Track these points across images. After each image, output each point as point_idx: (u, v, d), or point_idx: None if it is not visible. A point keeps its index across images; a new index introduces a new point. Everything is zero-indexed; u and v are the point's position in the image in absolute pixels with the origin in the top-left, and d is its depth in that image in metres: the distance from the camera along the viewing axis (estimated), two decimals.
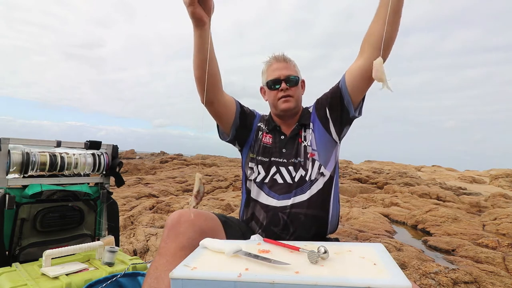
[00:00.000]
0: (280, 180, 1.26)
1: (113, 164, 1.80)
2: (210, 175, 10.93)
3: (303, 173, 1.24)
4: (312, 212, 1.22)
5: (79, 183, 1.70)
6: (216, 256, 0.82)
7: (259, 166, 1.31)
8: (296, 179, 1.24)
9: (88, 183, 1.76)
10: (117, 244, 1.72)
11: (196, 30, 1.02)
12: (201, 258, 0.81)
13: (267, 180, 1.28)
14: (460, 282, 2.50)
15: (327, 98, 1.26)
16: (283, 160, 1.28)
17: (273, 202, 1.24)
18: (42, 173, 1.60)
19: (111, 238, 1.64)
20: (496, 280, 2.57)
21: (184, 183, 9.07)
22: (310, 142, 1.27)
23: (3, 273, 1.22)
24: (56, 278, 1.20)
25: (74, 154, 1.68)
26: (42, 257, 1.29)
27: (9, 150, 1.47)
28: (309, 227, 1.22)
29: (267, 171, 1.29)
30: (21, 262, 1.38)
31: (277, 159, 1.29)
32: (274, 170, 1.28)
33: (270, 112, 1.41)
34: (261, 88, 1.41)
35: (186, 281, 0.69)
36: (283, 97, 1.28)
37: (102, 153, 1.78)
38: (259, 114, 1.44)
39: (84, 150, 1.75)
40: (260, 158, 1.32)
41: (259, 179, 1.30)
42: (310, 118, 1.32)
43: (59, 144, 1.65)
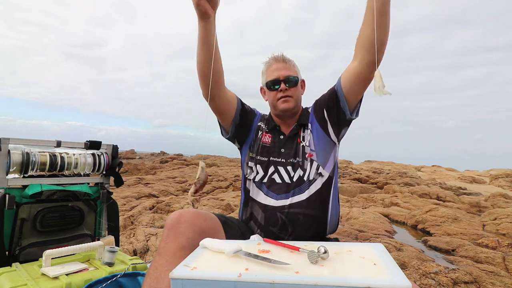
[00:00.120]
0: (279, 180, 1.26)
1: (113, 164, 1.80)
2: (210, 175, 10.92)
3: (301, 173, 1.24)
4: (311, 212, 1.22)
5: (79, 183, 1.70)
6: (216, 256, 0.82)
7: (258, 166, 1.31)
8: (295, 179, 1.24)
9: (88, 183, 1.76)
10: (117, 244, 1.72)
11: (201, 22, 1.04)
12: (201, 258, 0.81)
13: (266, 180, 1.28)
14: (460, 282, 2.50)
15: (325, 100, 1.26)
16: (282, 160, 1.28)
17: (271, 202, 1.24)
18: (42, 173, 1.60)
19: (111, 238, 1.64)
20: (496, 280, 2.57)
21: (184, 183, 9.07)
22: (309, 143, 1.27)
23: (3, 273, 1.22)
24: (56, 278, 1.20)
25: (74, 154, 1.68)
26: (42, 257, 1.29)
27: (9, 150, 1.47)
28: (308, 227, 1.22)
29: (266, 171, 1.29)
30: (21, 262, 1.38)
31: (276, 159, 1.29)
32: (273, 170, 1.28)
33: (270, 112, 1.41)
34: (261, 89, 1.41)
35: (186, 281, 0.69)
36: (282, 98, 1.29)
37: (102, 153, 1.78)
38: (260, 113, 1.44)
39: (84, 150, 1.75)
40: (259, 158, 1.32)
41: (258, 179, 1.30)
42: (309, 118, 1.32)
43: (59, 144, 1.65)
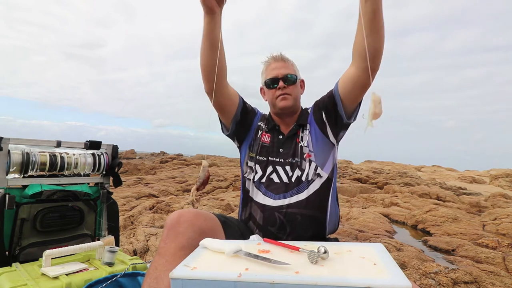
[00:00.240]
0: (277, 180, 1.26)
1: (113, 164, 1.80)
2: (210, 175, 10.92)
3: (300, 173, 1.24)
4: (309, 213, 1.22)
5: (79, 183, 1.70)
6: (216, 256, 0.82)
7: (257, 166, 1.32)
8: (293, 179, 1.24)
9: (88, 183, 1.76)
10: (117, 244, 1.72)
11: (206, 17, 1.05)
12: (201, 258, 0.81)
13: (264, 180, 1.28)
14: (460, 282, 2.49)
15: (324, 102, 1.26)
16: (280, 160, 1.28)
17: (270, 202, 1.24)
18: (42, 173, 1.60)
19: (111, 238, 1.63)
20: (496, 280, 2.57)
21: (184, 183, 9.07)
22: (307, 143, 1.27)
23: (3, 273, 1.22)
24: (56, 278, 1.20)
25: (74, 154, 1.68)
26: (42, 257, 1.29)
27: (9, 150, 1.47)
28: (306, 228, 1.22)
29: (264, 171, 1.29)
30: (21, 262, 1.38)
31: (274, 159, 1.29)
32: (271, 170, 1.28)
33: (270, 112, 1.41)
34: (261, 89, 1.41)
35: (186, 281, 0.69)
36: (281, 95, 1.29)
37: (102, 153, 1.78)
38: (260, 113, 1.44)
39: (84, 150, 1.75)
40: (259, 158, 1.32)
41: (257, 179, 1.30)
42: (308, 119, 1.32)
43: (59, 144, 1.65)
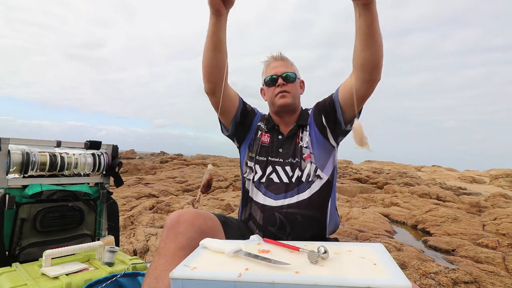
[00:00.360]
0: (277, 180, 1.26)
1: (113, 164, 1.80)
2: (212, 178, 10.91)
3: (300, 174, 1.24)
4: (309, 213, 1.22)
5: (79, 183, 1.70)
6: (216, 256, 0.82)
7: (257, 166, 1.31)
8: (293, 179, 1.24)
9: (88, 183, 1.76)
10: (117, 244, 1.72)
11: (212, 18, 1.05)
12: (201, 258, 0.81)
13: (264, 180, 1.28)
14: (460, 282, 2.49)
15: (324, 106, 1.26)
16: (280, 160, 1.28)
17: (270, 202, 1.24)
18: (42, 173, 1.60)
19: (111, 238, 1.63)
20: (496, 280, 2.57)
21: (184, 183, 9.07)
22: (307, 144, 1.27)
23: (3, 273, 1.22)
24: (56, 278, 1.20)
25: (74, 154, 1.68)
26: (42, 257, 1.29)
27: (9, 150, 1.47)
28: (306, 228, 1.22)
29: (264, 171, 1.29)
30: (21, 262, 1.38)
31: (274, 159, 1.29)
32: (271, 170, 1.28)
33: (269, 111, 1.41)
34: (261, 90, 1.41)
35: (186, 281, 0.69)
36: (280, 93, 1.29)
37: (102, 153, 1.78)
38: (260, 113, 1.44)
39: (84, 150, 1.75)
40: (258, 158, 1.32)
41: (257, 179, 1.30)
42: (308, 120, 1.32)
43: (59, 144, 1.65)
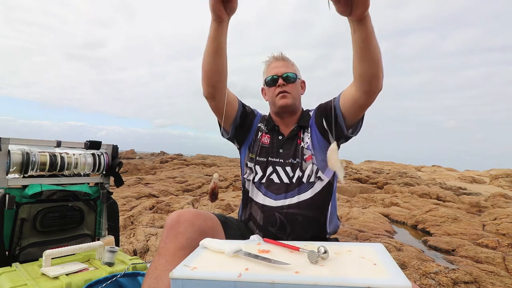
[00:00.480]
0: (277, 180, 1.26)
1: (113, 164, 1.80)
2: (210, 175, 10.93)
3: (300, 174, 1.24)
4: (309, 214, 1.21)
5: (79, 183, 1.70)
6: (216, 256, 0.82)
7: (257, 166, 1.31)
8: (294, 180, 1.24)
9: (88, 183, 1.76)
10: (117, 244, 1.72)
11: (213, 23, 1.05)
12: (201, 258, 0.81)
13: (264, 180, 1.28)
14: (460, 282, 2.49)
15: (326, 109, 1.25)
16: (280, 160, 1.28)
17: (270, 202, 1.24)
18: (42, 173, 1.60)
19: (111, 238, 1.64)
20: (496, 280, 2.57)
21: (184, 183, 9.07)
22: (308, 145, 1.27)
23: (3, 273, 1.22)
24: (56, 278, 1.20)
25: (74, 154, 1.68)
26: (42, 257, 1.29)
27: (9, 150, 1.47)
28: (307, 229, 1.22)
29: (264, 171, 1.29)
30: (21, 262, 1.38)
31: (274, 159, 1.29)
32: (271, 170, 1.28)
33: (270, 112, 1.41)
34: (262, 89, 1.41)
35: (186, 281, 0.69)
36: (280, 93, 1.29)
37: (102, 153, 1.79)
38: (260, 114, 1.44)
39: (84, 150, 1.75)
40: (258, 158, 1.32)
41: (257, 179, 1.30)
42: (309, 122, 1.32)
43: (59, 144, 1.65)
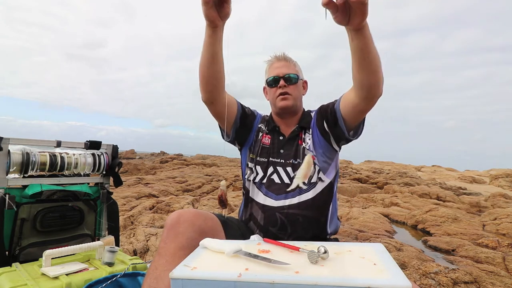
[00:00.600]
0: (277, 180, 1.26)
1: (113, 164, 1.80)
2: (210, 175, 10.93)
3: None
4: (310, 214, 1.22)
5: (79, 183, 1.70)
6: (216, 256, 0.82)
7: (258, 167, 1.32)
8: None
9: (88, 183, 1.76)
10: (117, 244, 1.72)
11: (207, 29, 1.05)
12: (201, 258, 0.81)
13: (265, 180, 1.28)
14: (460, 282, 2.49)
15: (326, 111, 1.25)
16: (281, 161, 1.28)
17: (270, 202, 1.24)
18: (42, 173, 1.60)
19: (111, 238, 1.64)
20: (496, 280, 2.57)
21: (184, 183, 9.07)
22: (309, 146, 1.27)
23: (3, 273, 1.22)
24: (56, 278, 1.20)
25: (74, 154, 1.68)
26: (42, 257, 1.29)
27: (9, 150, 1.47)
28: (307, 229, 1.22)
29: (265, 172, 1.29)
30: (21, 262, 1.38)
31: (275, 159, 1.29)
32: (272, 170, 1.28)
33: (271, 112, 1.41)
34: (264, 88, 1.41)
35: (186, 281, 0.69)
36: (281, 95, 1.29)
37: (102, 153, 1.79)
38: (260, 115, 1.44)
39: (84, 150, 1.75)
40: (259, 159, 1.32)
41: (258, 179, 1.30)
42: (311, 123, 1.31)
43: (59, 144, 1.65)
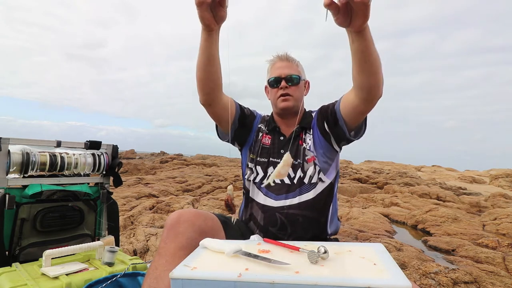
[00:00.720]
0: (278, 180, 1.26)
1: (113, 164, 1.80)
2: (210, 175, 10.92)
3: (302, 175, 1.24)
4: (310, 215, 1.22)
5: (79, 183, 1.70)
6: (216, 256, 0.82)
7: (258, 167, 1.31)
8: (295, 181, 1.24)
9: (88, 183, 1.76)
10: (117, 244, 1.72)
11: (203, 33, 1.04)
12: (201, 258, 0.81)
13: (265, 180, 1.28)
14: (460, 282, 2.49)
15: (327, 112, 1.25)
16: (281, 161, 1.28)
17: (270, 202, 1.24)
18: (42, 173, 1.60)
19: (111, 238, 1.64)
20: (496, 280, 2.57)
21: (184, 183, 9.06)
22: (310, 147, 1.27)
23: (3, 273, 1.22)
24: (56, 278, 1.20)
25: (74, 154, 1.68)
26: (42, 257, 1.29)
27: (9, 150, 1.47)
28: (307, 229, 1.22)
29: (265, 172, 1.29)
30: (21, 262, 1.38)
31: (275, 160, 1.29)
32: (272, 170, 1.28)
33: (272, 112, 1.41)
34: (266, 88, 1.41)
35: (186, 281, 0.69)
36: (282, 96, 1.29)
37: (102, 153, 1.79)
38: (260, 115, 1.44)
39: (84, 150, 1.75)
40: (259, 159, 1.32)
41: (258, 180, 1.30)
42: (311, 123, 1.31)
43: (59, 144, 1.65)
